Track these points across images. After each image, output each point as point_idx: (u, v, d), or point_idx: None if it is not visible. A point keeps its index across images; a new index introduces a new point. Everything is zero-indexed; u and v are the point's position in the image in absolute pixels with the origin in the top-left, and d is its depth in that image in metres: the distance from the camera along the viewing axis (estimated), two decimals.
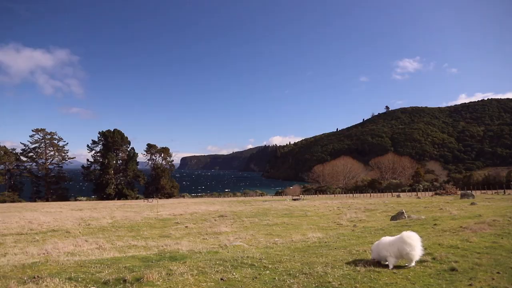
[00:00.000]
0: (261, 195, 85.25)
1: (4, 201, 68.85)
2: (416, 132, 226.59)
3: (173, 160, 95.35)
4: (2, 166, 77.39)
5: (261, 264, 7.07)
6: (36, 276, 6.01)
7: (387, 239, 7.04)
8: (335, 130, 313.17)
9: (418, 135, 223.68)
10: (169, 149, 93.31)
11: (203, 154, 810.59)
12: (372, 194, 63.02)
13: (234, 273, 6.36)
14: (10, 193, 74.16)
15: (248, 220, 21.51)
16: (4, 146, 79.24)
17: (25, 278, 5.95)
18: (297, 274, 6.14)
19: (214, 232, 16.57)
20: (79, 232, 18.19)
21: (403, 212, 16.92)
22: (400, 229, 11.34)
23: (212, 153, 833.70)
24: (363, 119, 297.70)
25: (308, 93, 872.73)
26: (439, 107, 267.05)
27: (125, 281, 5.82)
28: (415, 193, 58.20)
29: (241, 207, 34.53)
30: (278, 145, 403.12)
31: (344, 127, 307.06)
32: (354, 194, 65.76)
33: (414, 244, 6.53)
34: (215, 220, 22.57)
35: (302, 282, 5.70)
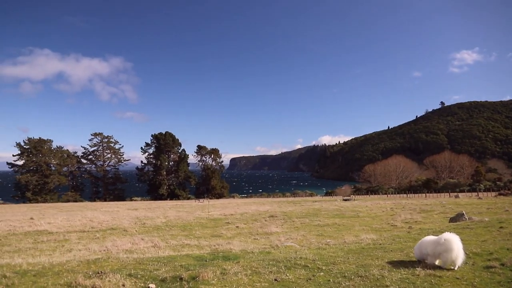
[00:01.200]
0: (311, 196, 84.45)
1: (67, 201, 73.57)
2: (476, 129, 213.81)
3: (222, 161, 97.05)
4: (65, 168, 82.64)
5: (314, 265, 6.97)
6: (99, 272, 6.33)
7: (429, 238, 6.87)
8: (386, 128, 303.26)
9: (478, 131, 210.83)
10: (218, 150, 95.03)
11: (252, 155, 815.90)
12: (427, 194, 60.27)
13: (287, 274, 6.31)
14: (73, 193, 79.04)
15: (299, 221, 21.36)
16: (67, 150, 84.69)
17: (90, 273, 6.28)
18: (352, 277, 5.99)
19: (265, 232, 16.62)
20: (136, 230, 18.96)
21: (463, 214, 15.99)
22: (461, 232, 10.75)
23: (260, 154, 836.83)
24: (416, 116, 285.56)
25: (357, 91, 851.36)
26: (501, 101, 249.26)
27: (181, 279, 5.97)
28: (476, 193, 54.94)
29: (291, 207, 34.39)
30: (327, 145, 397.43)
31: (396, 124, 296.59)
32: (407, 195, 63.25)
33: (450, 246, 6.25)
34: (265, 220, 22.64)
35: (357, 285, 5.54)
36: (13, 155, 78.17)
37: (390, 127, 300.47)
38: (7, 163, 78.73)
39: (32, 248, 13.70)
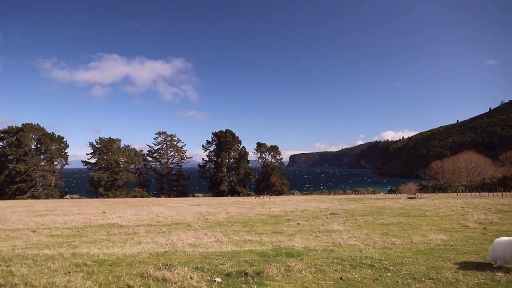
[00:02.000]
0: (373, 193, 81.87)
1: (135, 196, 77.78)
2: None
3: (282, 158, 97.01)
4: (133, 165, 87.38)
5: (381, 265, 6.72)
6: (168, 264, 6.59)
7: (502, 239, 6.42)
8: (455, 122, 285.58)
9: None
10: (278, 147, 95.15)
11: (311, 152, 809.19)
12: (504, 193, 55.78)
13: (353, 273, 6.15)
14: (140, 189, 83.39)
15: (362, 219, 20.76)
16: (134, 148, 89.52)
17: (160, 265, 6.56)
18: (423, 279, 5.68)
19: (327, 230, 16.34)
20: (199, 225, 19.50)
21: None
22: None
23: (320, 150, 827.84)
24: (490, 108, 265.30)
25: (423, 83, 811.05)
26: None
27: (246, 274, 6.03)
28: None
29: (352, 205, 33.57)
30: (390, 140, 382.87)
31: (466, 118, 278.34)
32: (480, 193, 58.96)
33: None
34: (326, 217, 22.28)
35: None
36: (86, 154, 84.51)
37: (459, 121, 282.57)
38: (82, 161, 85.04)
39: (106, 239, 14.56)
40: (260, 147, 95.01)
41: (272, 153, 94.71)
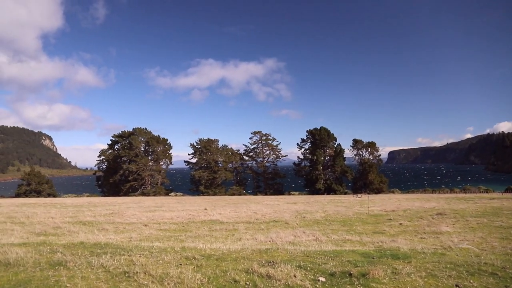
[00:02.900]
0: (487, 192, 73.81)
1: (233, 194, 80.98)
2: None
3: (380, 155, 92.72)
4: (230, 164, 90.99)
5: (505, 274, 5.99)
6: (271, 261, 6.68)
7: None
8: None
9: None
10: (375, 144, 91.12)
11: (412, 147, 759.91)
12: None
13: (471, 281, 5.57)
14: (237, 187, 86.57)
15: (474, 220, 18.86)
16: (231, 148, 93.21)
17: (263, 262, 6.68)
18: None
19: (433, 232, 15.17)
20: (296, 224, 19.52)
21: None
22: None
23: (422, 146, 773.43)
24: None
25: None
26: None
27: (350, 275, 5.84)
28: None
29: (462, 204, 30.71)
30: (506, 132, 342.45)
31: None
32: None
33: None
34: (432, 218, 20.70)
35: None
36: (188, 154, 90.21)
37: None
38: (184, 161, 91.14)
39: (208, 235, 15.31)
40: (357, 143, 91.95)
41: (369, 150, 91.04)
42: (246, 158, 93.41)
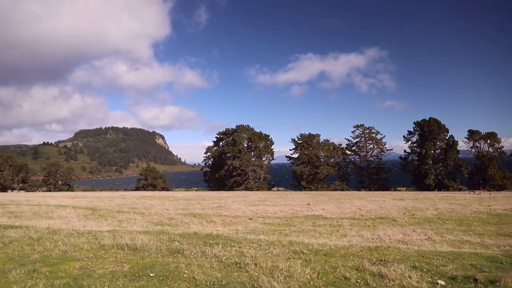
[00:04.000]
0: None
1: (335, 189, 79.65)
2: None
3: (502, 147, 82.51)
4: (332, 159, 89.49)
5: None
6: (383, 260, 6.37)
7: None
8: None
9: None
10: (496, 134, 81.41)
11: None
12: None
13: None
14: (340, 183, 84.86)
15: None
16: (333, 142, 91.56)
17: (374, 260, 6.40)
18: None
19: None
20: (405, 221, 18.44)
21: None
22: None
23: None
24: None
25: None
26: None
27: (475, 280, 5.28)
28: None
29: None
30: None
31: None
32: None
33: None
34: None
35: None
36: (289, 149, 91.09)
37: None
38: (286, 156, 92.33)
39: (312, 230, 15.25)
40: (473, 134, 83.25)
41: (488, 141, 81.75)
42: (349, 152, 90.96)
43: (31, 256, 7.11)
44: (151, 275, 5.80)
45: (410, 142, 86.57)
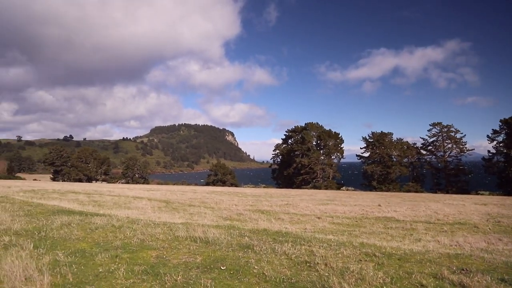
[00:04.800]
0: None
1: (408, 191, 75.79)
2: None
3: None
4: (406, 159, 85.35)
5: None
6: (464, 269, 5.91)
7: None
8: None
9: None
10: None
11: None
12: None
13: None
14: (413, 184, 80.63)
15: None
16: (406, 141, 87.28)
17: (454, 268, 5.98)
18: None
19: None
20: (489, 228, 17.01)
21: None
22: None
23: None
24: None
25: None
26: None
27: None
28: None
29: None
30: None
31: None
32: None
33: None
34: None
35: None
36: (360, 148, 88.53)
37: None
38: (356, 155, 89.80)
39: (383, 232, 14.65)
40: None
41: None
42: (424, 152, 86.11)
43: (113, 243, 7.68)
44: (222, 268, 5.96)
45: (495, 142, 79.41)
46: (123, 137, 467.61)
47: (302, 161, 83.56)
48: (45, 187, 37.88)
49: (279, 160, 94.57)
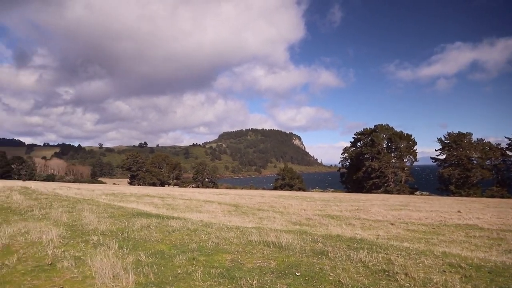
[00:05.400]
0: None
1: (492, 196, 69.69)
2: None
3: None
4: (488, 161, 78.69)
5: None
6: None
7: None
8: None
9: None
10: None
11: None
12: None
13: None
14: (498, 188, 74.03)
15: None
16: (489, 142, 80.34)
17: None
18: None
19: None
20: None
21: None
22: None
23: None
24: None
25: None
26: None
27: None
28: None
29: None
30: None
31: None
32: None
33: None
34: None
35: None
36: (435, 150, 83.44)
37: None
38: (431, 158, 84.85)
39: (465, 241, 13.64)
40: None
41: None
42: (510, 153, 78.76)
43: (189, 245, 7.96)
44: (297, 274, 5.90)
45: None
46: (193, 143, 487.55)
47: (372, 165, 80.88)
48: (123, 191, 40.54)
49: (347, 163, 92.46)
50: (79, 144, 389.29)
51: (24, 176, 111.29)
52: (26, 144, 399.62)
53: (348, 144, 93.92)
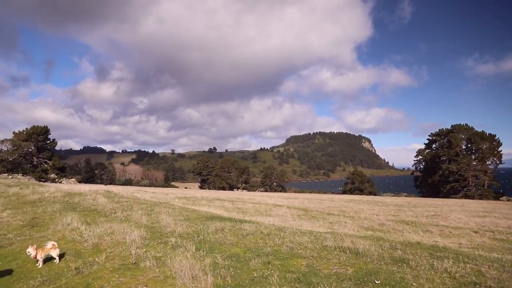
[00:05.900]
0: None
1: None
2: None
3: None
4: None
5: None
6: None
7: None
8: None
9: None
10: None
11: None
12: None
13: None
14: None
15: None
16: None
17: None
18: None
19: None
20: None
21: None
22: None
23: None
24: None
25: None
26: None
27: None
28: None
29: None
30: None
31: None
32: None
33: None
34: None
35: None
36: None
37: None
38: None
39: None
40: None
41: None
42: None
43: (264, 249, 8.00)
44: (376, 282, 5.67)
45: None
46: (261, 147, 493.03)
47: (449, 168, 75.73)
48: (195, 195, 41.99)
49: (422, 166, 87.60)
50: (153, 151, 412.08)
51: (105, 180, 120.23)
52: (107, 151, 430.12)
53: (422, 146, 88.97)
